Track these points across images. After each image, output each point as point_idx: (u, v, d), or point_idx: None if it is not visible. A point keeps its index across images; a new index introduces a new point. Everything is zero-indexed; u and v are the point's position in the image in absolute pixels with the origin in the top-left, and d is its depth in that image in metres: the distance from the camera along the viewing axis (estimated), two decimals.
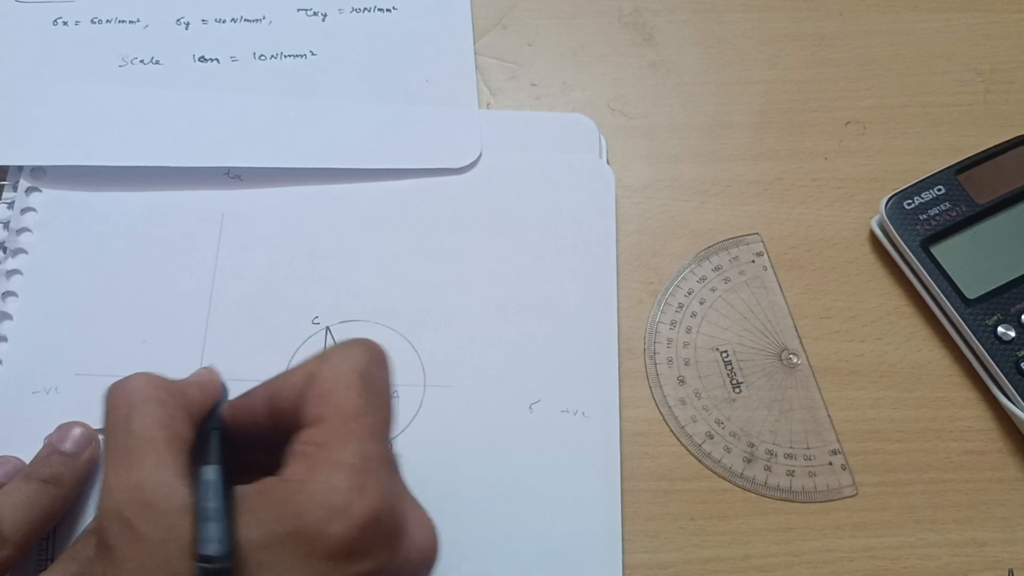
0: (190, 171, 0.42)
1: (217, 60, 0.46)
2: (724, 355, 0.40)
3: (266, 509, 0.25)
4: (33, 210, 0.42)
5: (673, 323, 0.41)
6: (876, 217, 0.42)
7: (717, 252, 0.42)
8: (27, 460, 0.35)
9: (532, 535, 0.36)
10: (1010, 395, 0.38)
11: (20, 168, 0.42)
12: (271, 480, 0.26)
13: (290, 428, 0.28)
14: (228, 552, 0.24)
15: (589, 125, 0.44)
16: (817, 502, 0.38)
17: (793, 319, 0.41)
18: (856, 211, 0.43)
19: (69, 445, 0.35)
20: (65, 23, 0.46)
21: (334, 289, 0.41)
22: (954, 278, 0.40)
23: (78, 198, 0.42)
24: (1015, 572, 0.37)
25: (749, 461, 0.38)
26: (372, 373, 0.28)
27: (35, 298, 0.40)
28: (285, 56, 0.46)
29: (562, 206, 0.42)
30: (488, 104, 0.46)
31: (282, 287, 0.41)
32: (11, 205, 0.42)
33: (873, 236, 0.42)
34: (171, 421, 0.28)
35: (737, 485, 0.38)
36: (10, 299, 0.40)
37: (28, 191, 0.42)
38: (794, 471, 0.38)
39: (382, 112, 0.44)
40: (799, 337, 0.41)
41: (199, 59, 0.46)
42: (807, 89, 0.46)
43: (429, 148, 0.43)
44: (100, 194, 0.42)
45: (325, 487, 0.25)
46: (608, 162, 0.44)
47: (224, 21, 0.47)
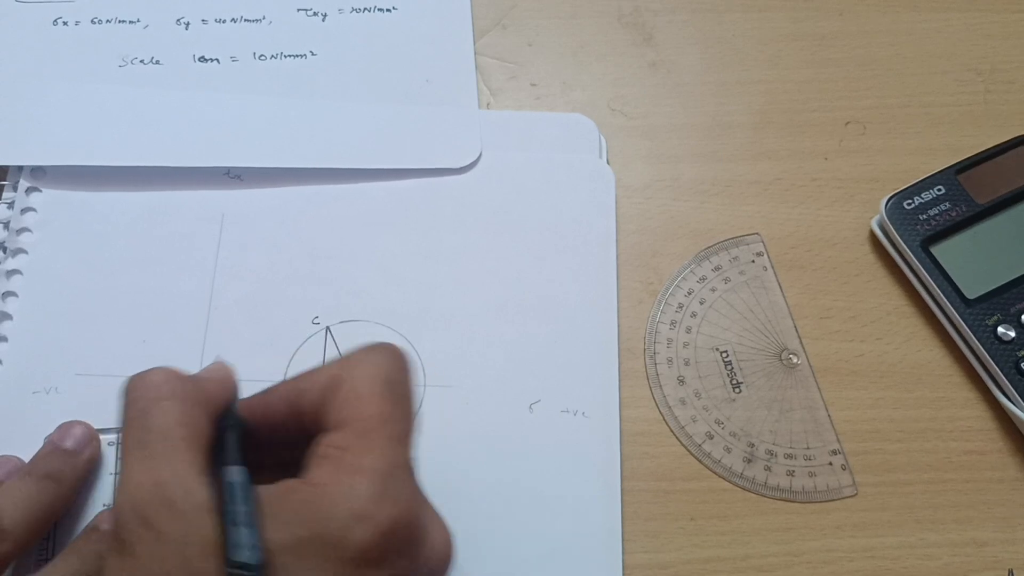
0: (190, 171, 0.42)
1: (217, 60, 0.46)
2: (724, 355, 0.40)
3: (289, 512, 0.25)
4: (33, 210, 0.42)
5: (673, 323, 0.41)
6: (876, 217, 0.42)
7: (717, 252, 0.42)
8: (27, 460, 0.35)
9: (532, 535, 0.36)
10: (1010, 395, 0.38)
11: (20, 168, 0.42)
12: (293, 482, 0.26)
13: (310, 429, 0.28)
14: (262, 560, 0.24)
15: (589, 125, 0.44)
16: (817, 502, 0.38)
17: (793, 319, 0.41)
18: (856, 211, 0.43)
19: (70, 443, 0.35)
20: (65, 23, 0.46)
21: (334, 289, 0.41)
22: (954, 278, 0.40)
23: (78, 198, 0.42)
24: (1015, 572, 0.37)
25: (749, 461, 0.38)
26: (398, 379, 0.28)
27: (35, 298, 0.40)
28: (285, 56, 0.46)
29: (562, 206, 0.42)
30: (488, 104, 0.46)
31: (282, 287, 0.41)
32: (11, 205, 0.42)
33: (873, 236, 0.42)
34: (192, 418, 0.27)
35: (737, 485, 0.38)
36: (10, 299, 0.40)
37: (28, 191, 0.42)
38: (794, 471, 0.38)
39: (382, 112, 0.44)
40: (799, 337, 0.41)
41: (199, 59, 0.46)
42: (807, 89, 0.46)
43: (429, 148, 0.43)
44: (100, 194, 0.42)
45: (350, 492, 0.25)
46: (608, 162, 0.44)
47: (224, 21, 0.47)
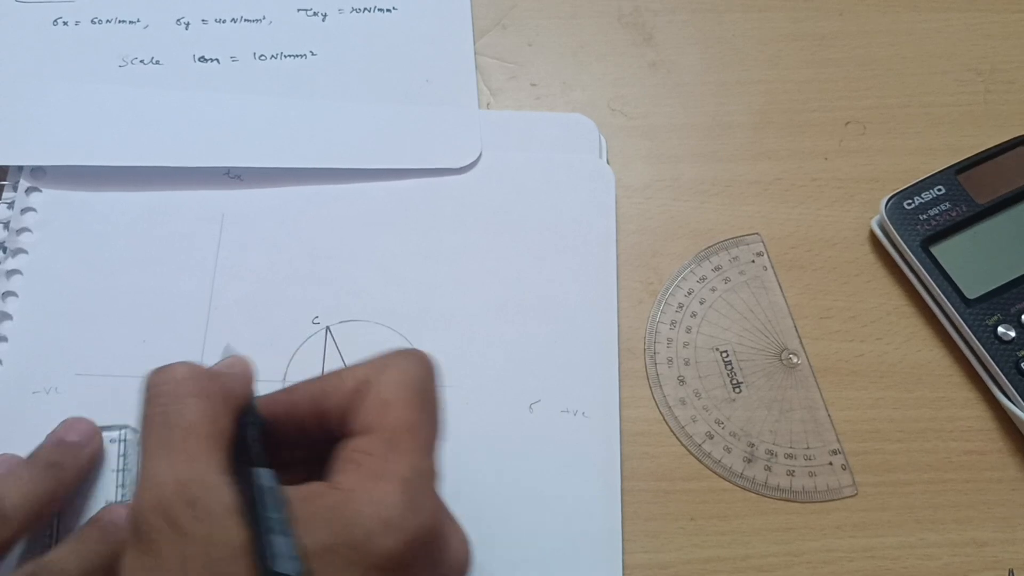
0: (190, 171, 0.42)
1: (217, 60, 0.46)
2: (724, 355, 0.40)
3: (315, 517, 0.25)
4: (33, 210, 0.42)
5: (673, 323, 0.41)
6: (876, 217, 0.42)
7: (717, 252, 0.42)
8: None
9: (532, 535, 0.36)
10: (1010, 395, 0.38)
11: (20, 168, 0.43)
12: (319, 486, 0.26)
13: (334, 430, 0.28)
14: (303, 570, 0.24)
15: (589, 125, 0.44)
16: (817, 502, 0.38)
17: (793, 319, 0.41)
18: (856, 211, 0.43)
19: (74, 436, 0.35)
20: (65, 23, 0.46)
21: (334, 289, 0.41)
22: (954, 278, 0.39)
23: (78, 198, 0.42)
24: (1015, 572, 0.37)
25: (749, 461, 0.38)
26: (426, 387, 0.28)
27: (35, 298, 0.40)
28: (285, 56, 0.46)
29: (562, 206, 0.42)
30: (488, 104, 0.45)
31: (282, 287, 0.41)
32: (11, 205, 0.42)
33: (873, 236, 0.42)
34: (215, 416, 0.27)
35: (737, 485, 0.38)
36: (10, 299, 0.40)
37: (28, 191, 0.42)
38: (794, 471, 0.38)
39: (382, 112, 0.44)
40: (799, 337, 0.41)
41: (199, 59, 0.46)
42: (807, 89, 0.46)
43: (429, 148, 0.43)
44: (100, 194, 0.42)
45: (378, 500, 0.25)
46: (608, 162, 0.44)
47: (224, 21, 0.47)
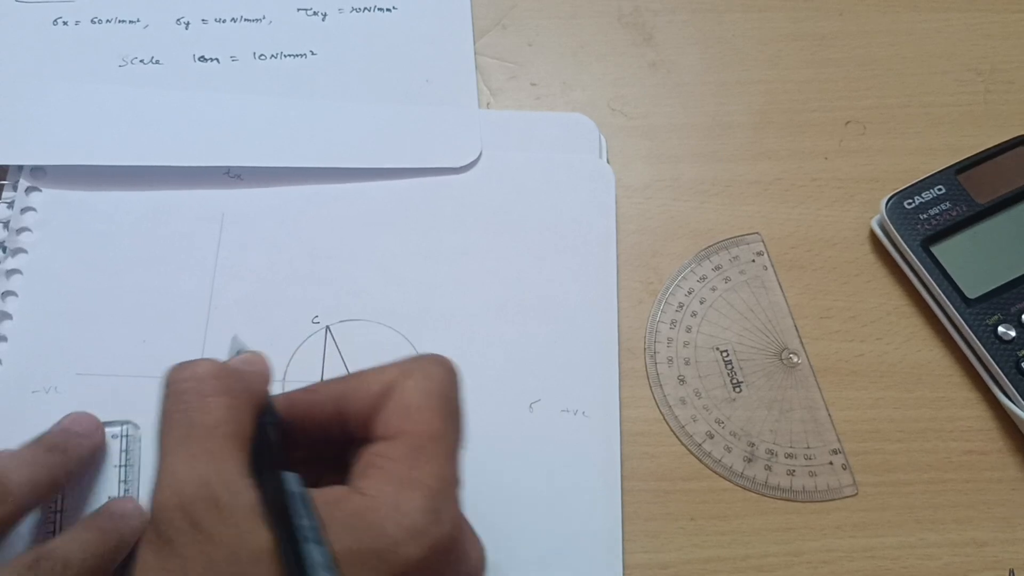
0: (190, 171, 0.42)
1: (217, 60, 0.46)
2: (724, 355, 0.40)
3: (339, 522, 0.25)
4: (33, 210, 0.42)
5: (673, 322, 0.41)
6: (876, 217, 0.42)
7: (717, 251, 0.42)
8: None
9: (532, 535, 0.36)
10: (1010, 395, 0.38)
11: (20, 168, 0.42)
12: (342, 490, 0.26)
13: (355, 432, 0.28)
14: None
15: (589, 125, 0.44)
16: (817, 502, 0.38)
17: (793, 319, 0.41)
18: (856, 211, 0.43)
19: (79, 427, 0.35)
20: (65, 23, 0.46)
21: (334, 289, 0.41)
22: (954, 278, 0.39)
23: (78, 198, 0.42)
24: (1016, 572, 0.37)
25: (749, 461, 0.38)
26: (452, 395, 0.28)
27: (35, 298, 0.40)
28: (285, 56, 0.46)
29: (562, 206, 0.42)
30: (488, 104, 0.45)
31: (282, 287, 0.41)
32: (11, 205, 0.42)
33: (873, 236, 0.42)
34: (238, 416, 0.27)
35: (737, 485, 0.38)
36: (10, 299, 0.40)
37: (28, 191, 0.42)
38: (794, 471, 0.38)
39: (382, 112, 0.44)
40: (799, 337, 0.41)
41: (199, 59, 0.46)
42: (807, 89, 0.46)
43: (429, 148, 0.43)
44: (100, 194, 0.42)
45: (404, 508, 0.25)
46: (608, 162, 0.44)
47: (224, 21, 0.47)
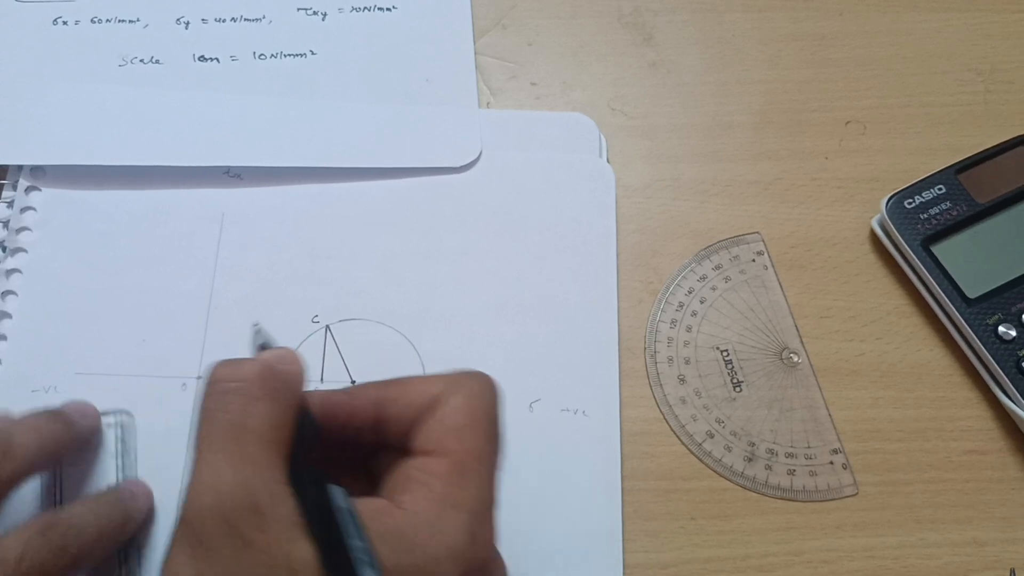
0: (190, 170, 0.42)
1: (217, 60, 0.46)
2: (725, 354, 0.40)
3: (380, 537, 0.24)
4: (33, 209, 0.42)
5: (673, 322, 0.41)
6: (877, 216, 0.42)
7: (717, 251, 0.42)
8: None
9: (532, 535, 0.36)
10: (1011, 394, 0.38)
11: (20, 167, 0.43)
12: (383, 504, 0.26)
13: (392, 440, 0.28)
14: None
15: (589, 125, 0.44)
16: (818, 501, 0.38)
17: (793, 318, 0.41)
18: (856, 211, 0.43)
19: (77, 411, 0.36)
20: (65, 23, 0.46)
21: (334, 289, 0.41)
22: (955, 277, 0.39)
23: (78, 197, 0.42)
24: (1016, 572, 0.37)
25: (750, 460, 0.38)
26: (495, 415, 0.28)
27: (35, 297, 0.40)
28: (285, 56, 0.46)
29: (562, 206, 0.42)
30: (488, 104, 0.45)
31: (282, 287, 0.41)
32: (11, 204, 0.42)
33: (873, 236, 0.42)
34: (283, 421, 0.26)
35: (738, 484, 0.38)
36: (10, 298, 0.40)
37: (28, 190, 0.42)
38: (795, 470, 0.38)
39: (382, 112, 0.44)
40: (799, 336, 0.41)
41: (199, 59, 0.46)
42: (807, 89, 0.46)
43: (429, 147, 0.43)
44: (100, 193, 0.42)
45: (446, 528, 0.25)
46: (608, 162, 0.44)
47: (224, 21, 0.47)
